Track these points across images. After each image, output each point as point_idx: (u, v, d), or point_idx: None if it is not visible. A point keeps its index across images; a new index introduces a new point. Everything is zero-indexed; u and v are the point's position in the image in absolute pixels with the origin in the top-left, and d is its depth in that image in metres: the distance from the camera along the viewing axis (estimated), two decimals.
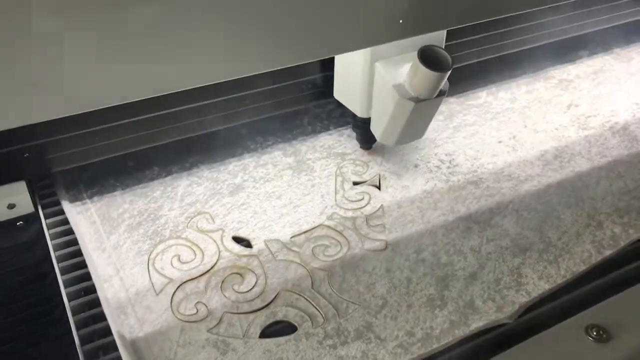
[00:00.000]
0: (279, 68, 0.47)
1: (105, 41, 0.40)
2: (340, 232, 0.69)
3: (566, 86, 0.97)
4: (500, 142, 0.84)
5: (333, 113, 0.89)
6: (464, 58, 0.91)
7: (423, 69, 0.64)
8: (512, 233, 0.69)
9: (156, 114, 0.73)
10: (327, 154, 0.82)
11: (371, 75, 0.71)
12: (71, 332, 0.58)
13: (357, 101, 0.76)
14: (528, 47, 0.97)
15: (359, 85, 0.73)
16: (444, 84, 0.68)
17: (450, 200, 0.74)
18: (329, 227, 0.70)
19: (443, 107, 0.91)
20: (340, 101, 0.80)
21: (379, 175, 0.78)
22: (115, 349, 0.55)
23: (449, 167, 0.79)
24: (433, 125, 0.86)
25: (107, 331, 0.57)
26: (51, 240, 0.68)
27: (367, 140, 0.81)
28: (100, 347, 0.57)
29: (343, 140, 0.84)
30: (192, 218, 0.71)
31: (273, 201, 0.74)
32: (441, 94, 0.69)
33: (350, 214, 0.72)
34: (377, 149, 0.82)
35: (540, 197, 0.74)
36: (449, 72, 0.65)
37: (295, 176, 0.78)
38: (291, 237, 0.68)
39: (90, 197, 0.74)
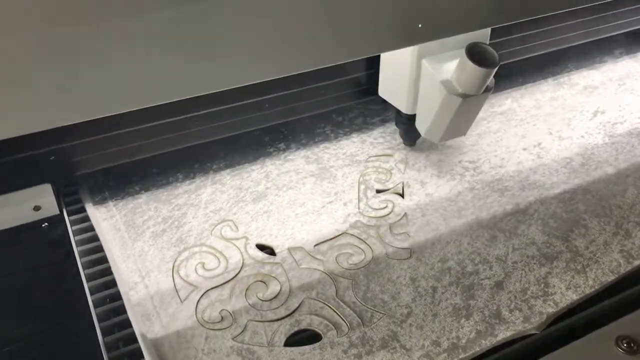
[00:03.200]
0: (323, 66, 0.47)
1: (130, 44, 0.40)
2: (363, 240, 0.69)
3: (591, 92, 0.95)
4: (525, 149, 0.83)
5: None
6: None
7: (471, 65, 0.64)
8: (539, 242, 0.68)
9: (179, 117, 0.74)
10: (350, 161, 0.81)
11: (418, 72, 0.72)
12: (97, 338, 0.58)
13: (404, 98, 0.77)
14: (550, 50, 0.96)
15: (405, 82, 0.74)
16: (490, 80, 0.68)
17: (475, 208, 0.73)
18: (352, 235, 0.70)
19: None
20: (385, 98, 0.81)
21: (403, 183, 0.78)
22: (141, 355, 0.56)
23: (473, 175, 0.78)
24: None
25: (133, 338, 0.58)
26: (77, 246, 0.68)
27: (411, 137, 0.83)
28: (126, 354, 0.57)
29: (366, 147, 0.84)
30: (216, 225, 0.71)
31: (296, 209, 0.73)
32: (487, 90, 0.69)
33: (373, 222, 0.71)
34: (400, 156, 0.82)
35: (566, 205, 0.73)
36: (496, 69, 0.66)
37: (317, 184, 0.77)
38: (315, 245, 0.68)
39: (115, 203, 0.74)
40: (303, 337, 0.59)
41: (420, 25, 0.48)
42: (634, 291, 0.62)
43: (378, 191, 0.77)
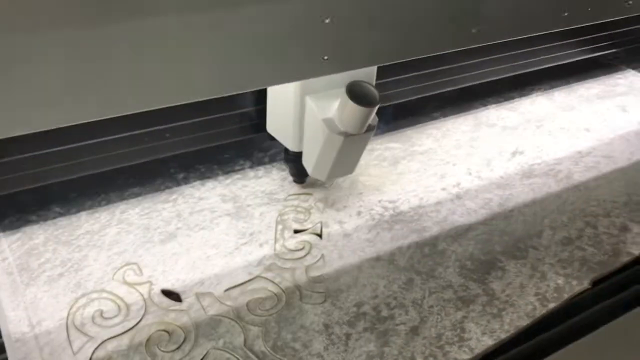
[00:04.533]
0: (207, 98, 0.44)
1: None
2: (277, 284, 0.66)
3: (510, 133, 0.97)
4: (444, 189, 0.83)
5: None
6: (402, 95, 0.92)
7: (351, 104, 0.63)
8: (455, 285, 0.67)
9: (80, 143, 0.70)
10: (269, 199, 0.79)
11: (302, 109, 0.70)
12: None
13: (289, 135, 0.74)
14: (466, 85, 0.98)
15: (290, 119, 0.72)
16: (373, 119, 0.68)
17: (393, 249, 0.71)
18: (266, 279, 0.66)
19: (387, 153, 0.90)
20: (273, 135, 0.78)
21: (321, 223, 0.75)
22: None
23: (392, 215, 0.77)
24: (377, 171, 0.85)
25: None
26: None
27: (299, 174, 0.80)
28: None
29: (286, 185, 0.82)
30: (118, 269, 0.66)
31: (207, 250, 0.70)
32: (370, 129, 0.68)
33: (289, 264, 0.69)
34: (319, 194, 0.80)
35: (484, 246, 0.72)
36: (376, 108, 0.65)
37: (233, 223, 0.74)
38: (225, 290, 0.64)
39: (9, 243, 0.68)
40: None
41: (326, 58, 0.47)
42: (549, 335, 0.62)
43: (296, 231, 0.74)
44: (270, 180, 0.83)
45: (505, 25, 0.59)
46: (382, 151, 0.90)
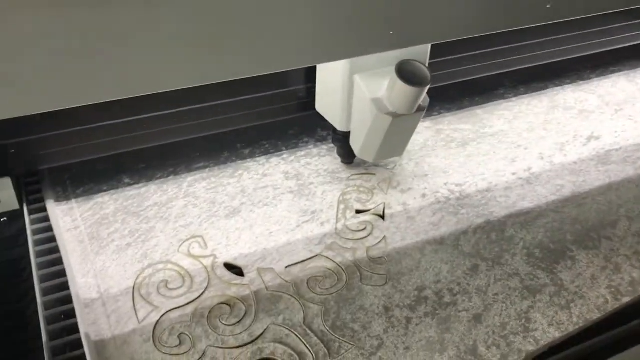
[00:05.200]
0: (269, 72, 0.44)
1: (97, 35, 0.37)
2: (338, 264, 0.65)
3: (586, 117, 0.92)
4: (514, 173, 0.80)
5: None
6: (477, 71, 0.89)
7: (400, 84, 0.61)
8: (522, 273, 0.64)
9: (146, 115, 0.71)
10: (331, 178, 0.78)
11: (350, 88, 0.69)
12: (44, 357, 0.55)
13: (337, 114, 0.73)
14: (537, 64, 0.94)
15: (338, 98, 0.71)
16: (424, 99, 0.66)
17: (458, 234, 0.69)
18: (327, 257, 0.66)
19: (456, 135, 0.87)
20: (322, 114, 0.77)
21: (384, 204, 0.74)
22: None
23: (458, 199, 0.75)
24: (444, 153, 0.83)
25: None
26: (35, 257, 0.65)
27: (347, 154, 0.79)
28: None
29: (349, 164, 0.81)
30: (184, 241, 0.68)
31: (270, 227, 0.70)
32: (420, 109, 0.66)
33: (350, 244, 0.68)
34: (383, 175, 0.79)
35: (554, 235, 0.69)
36: (427, 88, 0.63)
37: (295, 201, 0.74)
38: (286, 267, 0.65)
39: (81, 213, 0.71)
40: None
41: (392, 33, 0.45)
42: (621, 331, 0.59)
43: (358, 212, 0.73)
44: (333, 159, 0.82)
45: (580, 1, 0.55)
46: (450, 132, 0.88)
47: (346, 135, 0.75)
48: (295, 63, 0.46)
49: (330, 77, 0.71)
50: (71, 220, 0.70)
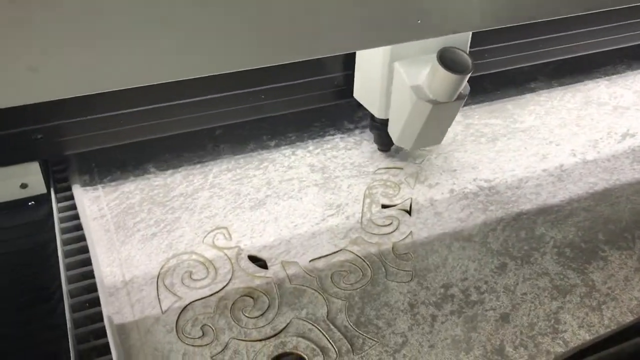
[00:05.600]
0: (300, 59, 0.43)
1: (122, 20, 0.36)
2: (363, 259, 0.64)
3: (621, 113, 0.89)
4: (545, 170, 0.78)
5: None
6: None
7: (442, 71, 0.61)
8: (552, 272, 0.63)
9: (169, 103, 0.71)
10: (357, 172, 0.77)
11: (390, 75, 0.69)
12: (68, 344, 0.55)
13: (376, 101, 0.73)
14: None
15: (377, 85, 0.70)
16: (464, 87, 0.65)
17: (487, 231, 0.68)
18: (351, 252, 0.65)
19: (486, 130, 0.85)
20: (360, 101, 0.77)
21: (411, 199, 0.73)
22: None
23: (487, 195, 0.73)
24: (474, 148, 0.81)
25: (106, 348, 0.54)
26: (62, 245, 0.65)
27: (384, 142, 0.78)
28: None
29: (376, 158, 0.80)
30: (209, 233, 0.67)
31: (295, 219, 0.69)
32: (460, 97, 0.65)
33: (375, 239, 0.67)
34: (410, 169, 0.77)
35: (585, 234, 0.68)
36: (468, 76, 0.62)
37: (320, 194, 0.73)
38: (310, 261, 0.64)
39: (107, 202, 0.71)
40: None
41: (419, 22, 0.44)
42: None
43: (384, 206, 0.72)
44: (359, 153, 0.81)
45: None
46: (480, 127, 0.86)
47: (384, 123, 0.74)
48: (336, 49, 0.45)
49: (370, 64, 0.71)
50: (97, 209, 0.70)
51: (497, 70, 0.88)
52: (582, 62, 0.97)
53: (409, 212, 0.71)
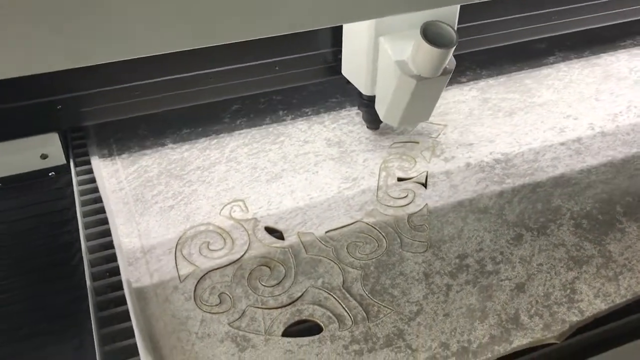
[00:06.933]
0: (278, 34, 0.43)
1: None
2: (378, 230, 0.65)
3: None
4: (562, 144, 0.77)
5: None
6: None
7: (425, 45, 0.60)
8: (568, 244, 0.63)
9: (189, 74, 0.72)
10: (373, 146, 0.77)
11: (375, 51, 0.67)
12: (89, 311, 0.56)
13: (362, 78, 0.72)
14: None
15: (363, 61, 0.70)
16: (450, 62, 0.64)
17: (503, 203, 0.68)
18: (367, 224, 0.66)
19: (504, 104, 0.85)
20: (347, 78, 0.76)
21: (427, 173, 0.73)
22: (132, 335, 0.53)
23: (504, 168, 0.73)
24: (491, 122, 0.81)
25: (126, 316, 0.55)
26: (82, 217, 0.66)
27: (373, 120, 0.78)
28: (118, 332, 0.55)
29: (392, 133, 0.80)
30: (226, 205, 0.68)
31: (311, 192, 0.70)
32: (446, 72, 0.65)
33: (391, 211, 0.67)
34: (426, 143, 0.77)
35: (603, 206, 0.67)
36: (452, 50, 0.61)
37: (336, 168, 0.74)
38: (326, 232, 0.65)
39: (126, 176, 0.72)
40: (303, 328, 0.55)
41: None
42: None
43: (400, 179, 0.72)
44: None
45: None
46: (498, 101, 0.86)
47: (372, 100, 0.74)
48: (319, 22, 0.45)
49: (356, 40, 0.70)
50: (116, 182, 0.71)
51: (514, 41, 0.87)
52: (602, 35, 0.96)
53: (425, 185, 0.71)
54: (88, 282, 0.58)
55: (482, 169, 0.73)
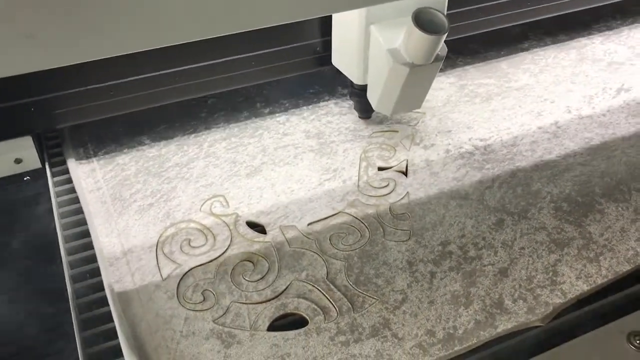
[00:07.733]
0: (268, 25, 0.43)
1: None
2: (361, 220, 0.65)
3: (616, 69, 0.89)
4: (540, 127, 0.78)
5: None
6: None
7: (417, 32, 0.60)
8: (549, 227, 0.63)
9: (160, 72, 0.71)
10: (353, 136, 0.77)
11: (367, 39, 0.67)
12: (70, 313, 0.55)
13: (353, 67, 0.72)
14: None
15: (354, 50, 0.69)
16: (441, 48, 0.64)
17: (483, 189, 0.68)
18: (349, 214, 0.65)
19: (480, 90, 0.85)
20: (338, 67, 0.76)
21: (407, 161, 0.73)
22: (115, 336, 0.52)
23: (483, 154, 0.73)
24: (468, 108, 0.81)
25: (108, 317, 0.55)
26: (60, 218, 0.65)
27: (365, 109, 0.78)
28: (100, 333, 0.54)
29: (371, 123, 0.79)
30: (206, 201, 0.67)
31: (292, 185, 0.69)
32: (438, 59, 0.65)
33: (373, 201, 0.67)
34: (405, 132, 0.77)
35: (582, 188, 0.68)
36: (444, 36, 0.61)
37: (316, 159, 0.73)
38: (308, 224, 0.64)
39: (103, 175, 0.71)
40: (288, 322, 0.55)
41: None
42: None
43: (380, 169, 0.72)
44: (354, 117, 0.81)
45: None
46: (474, 87, 0.86)
47: (363, 89, 0.73)
48: (308, 13, 0.44)
49: (346, 29, 0.70)
50: (93, 182, 0.70)
51: (490, 29, 0.87)
52: (576, 19, 0.97)
53: (405, 174, 0.71)
54: (68, 285, 0.57)
55: (461, 156, 0.73)
